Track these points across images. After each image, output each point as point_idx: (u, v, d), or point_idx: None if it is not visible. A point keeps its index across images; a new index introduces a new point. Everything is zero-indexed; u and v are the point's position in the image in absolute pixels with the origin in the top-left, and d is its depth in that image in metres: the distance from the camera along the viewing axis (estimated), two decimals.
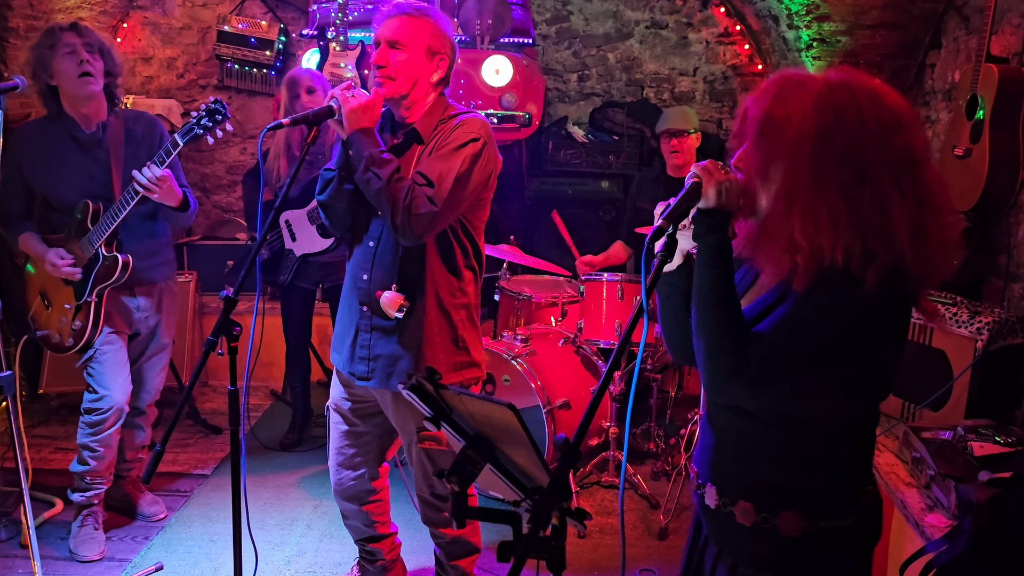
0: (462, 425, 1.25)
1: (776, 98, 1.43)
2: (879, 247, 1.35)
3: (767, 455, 1.50)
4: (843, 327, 1.37)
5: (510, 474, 1.24)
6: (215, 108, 2.75)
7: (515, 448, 1.21)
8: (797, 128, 1.38)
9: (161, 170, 2.81)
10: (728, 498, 1.54)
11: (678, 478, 3.56)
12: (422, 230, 2.18)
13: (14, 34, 4.44)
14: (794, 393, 1.42)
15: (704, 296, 1.46)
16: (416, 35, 2.24)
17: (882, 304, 1.37)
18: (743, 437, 1.52)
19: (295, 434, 4.21)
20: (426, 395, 1.24)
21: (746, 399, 1.47)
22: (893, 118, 1.39)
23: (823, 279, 1.38)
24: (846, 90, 1.40)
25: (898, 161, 1.37)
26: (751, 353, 1.40)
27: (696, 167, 1.48)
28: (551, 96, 5.49)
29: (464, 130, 2.26)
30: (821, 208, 1.36)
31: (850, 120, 1.37)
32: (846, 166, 1.36)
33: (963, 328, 2.98)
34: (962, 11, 4.00)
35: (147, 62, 5.49)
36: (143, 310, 3.18)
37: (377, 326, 2.35)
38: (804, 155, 1.37)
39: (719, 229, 1.46)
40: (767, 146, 1.42)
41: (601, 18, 5.45)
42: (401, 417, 2.40)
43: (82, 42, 2.90)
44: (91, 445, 3.07)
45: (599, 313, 3.75)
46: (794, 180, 1.39)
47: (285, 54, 5.36)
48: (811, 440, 1.47)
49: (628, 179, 5.00)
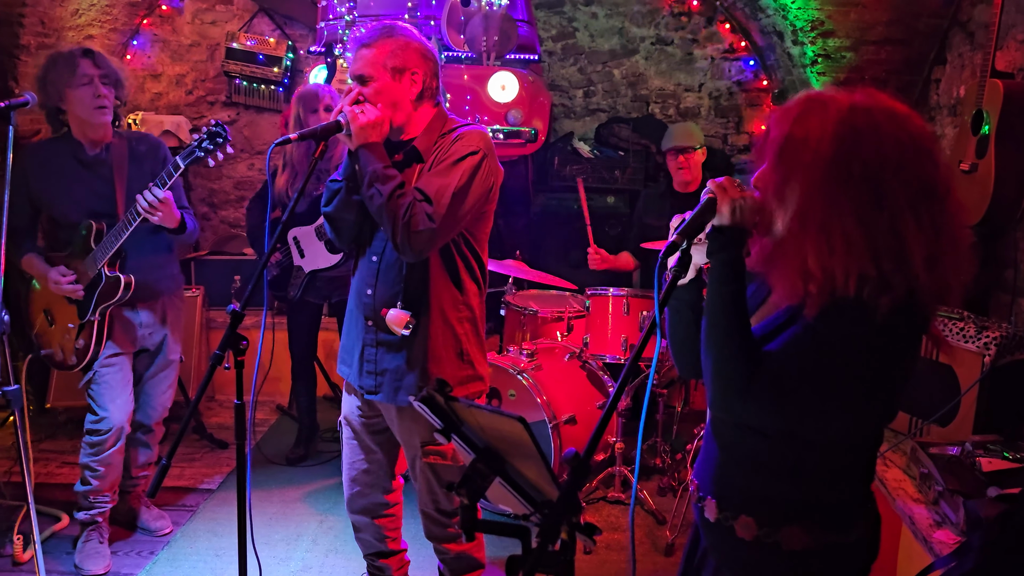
0: (472, 438, 1.25)
1: (797, 119, 1.43)
2: (893, 274, 1.34)
3: (772, 469, 1.49)
4: (854, 351, 1.36)
5: (519, 487, 1.24)
6: (216, 131, 2.77)
7: (524, 461, 1.21)
8: (815, 150, 1.38)
9: (163, 192, 2.83)
10: (729, 512, 1.54)
11: (684, 494, 3.54)
12: (421, 247, 2.19)
13: (25, 51, 4.49)
14: (802, 413, 1.41)
15: (715, 313, 1.46)
16: (375, 62, 2.23)
17: (893, 329, 1.36)
18: (748, 451, 1.52)
19: (301, 449, 4.21)
20: (437, 407, 1.24)
21: (753, 418, 1.46)
22: (914, 144, 1.38)
23: (835, 303, 1.37)
24: (867, 114, 1.39)
25: (917, 188, 1.36)
26: (761, 373, 1.39)
27: (712, 183, 1.48)
28: (557, 112, 5.51)
29: (463, 143, 2.26)
30: (836, 232, 1.35)
31: (869, 144, 1.36)
32: (863, 190, 1.35)
33: (970, 343, 2.98)
34: (966, 27, 4.01)
35: (156, 79, 5.54)
36: (146, 325, 3.18)
37: (382, 341, 2.36)
38: (821, 177, 1.37)
39: (733, 246, 1.45)
40: (785, 167, 1.42)
41: (607, 35, 5.48)
42: (406, 431, 2.40)
43: (100, 74, 2.94)
44: (92, 465, 3.08)
45: (605, 328, 3.75)
46: (810, 202, 1.38)
47: (293, 71, 5.40)
48: (817, 456, 1.47)
49: (634, 194, 5.01)
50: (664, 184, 4.46)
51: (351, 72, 2.27)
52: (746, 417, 1.47)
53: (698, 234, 1.45)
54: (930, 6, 4.09)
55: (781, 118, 1.46)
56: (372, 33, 2.26)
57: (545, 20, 5.45)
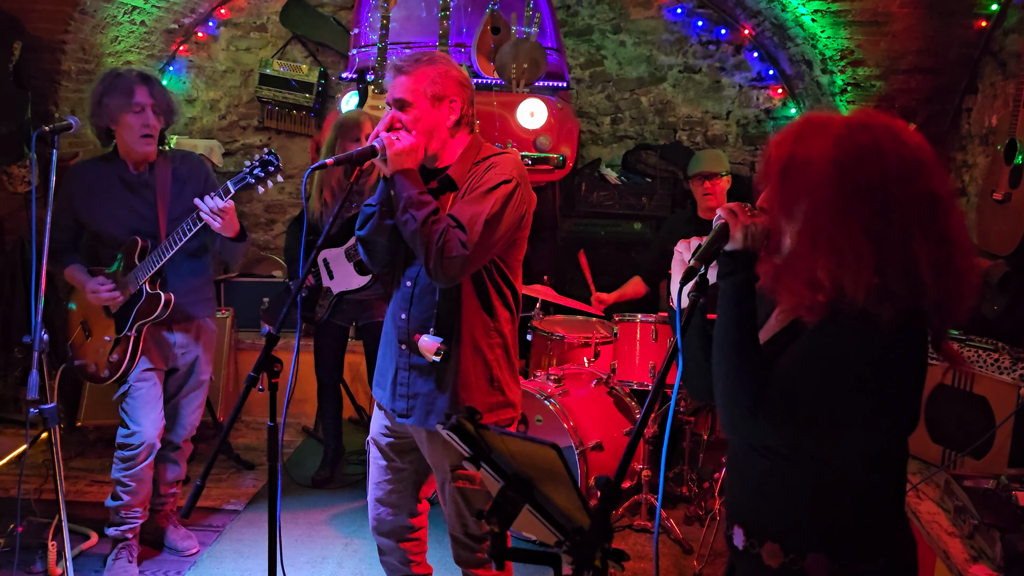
0: (501, 465, 1.25)
1: (797, 139, 1.47)
2: (900, 285, 1.37)
3: (792, 494, 1.49)
4: (859, 361, 1.38)
5: (548, 515, 1.24)
6: (268, 159, 2.80)
7: (555, 488, 1.21)
8: (818, 168, 1.41)
9: (224, 202, 2.84)
10: (756, 539, 1.53)
11: (712, 523, 3.51)
12: (454, 273, 2.21)
13: (66, 76, 4.60)
14: (812, 428, 1.41)
15: (726, 335, 1.47)
16: (416, 89, 2.26)
17: (897, 339, 1.37)
18: (766, 476, 1.52)
19: (327, 471, 4.22)
20: (466, 435, 1.24)
21: (764, 436, 1.47)
22: (914, 157, 1.41)
23: (839, 315, 1.39)
24: (866, 130, 1.43)
25: (922, 199, 1.39)
26: (769, 392, 1.40)
27: (723, 209, 1.51)
28: (584, 138, 5.54)
29: (496, 171, 2.28)
30: (845, 245, 1.38)
31: (871, 159, 1.39)
32: (868, 204, 1.38)
33: (1005, 374, 2.94)
34: (998, 56, 4.00)
35: (191, 104, 5.65)
36: (180, 346, 3.22)
37: (415, 365, 2.37)
38: (826, 194, 1.40)
39: (744, 269, 1.48)
40: (790, 186, 1.45)
41: (634, 62, 5.52)
42: (436, 455, 2.40)
43: (152, 104, 3.00)
44: (124, 480, 3.11)
45: (632, 354, 3.74)
46: (817, 218, 1.41)
47: (324, 96, 5.49)
48: (836, 478, 1.46)
49: (660, 220, 5.01)
50: (690, 211, 4.46)
51: (389, 97, 2.30)
52: (757, 436, 1.48)
53: (714, 259, 1.48)
54: (961, 35, 4.08)
55: (782, 140, 1.49)
56: (412, 60, 2.29)
57: (573, 48, 5.51)
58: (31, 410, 2.51)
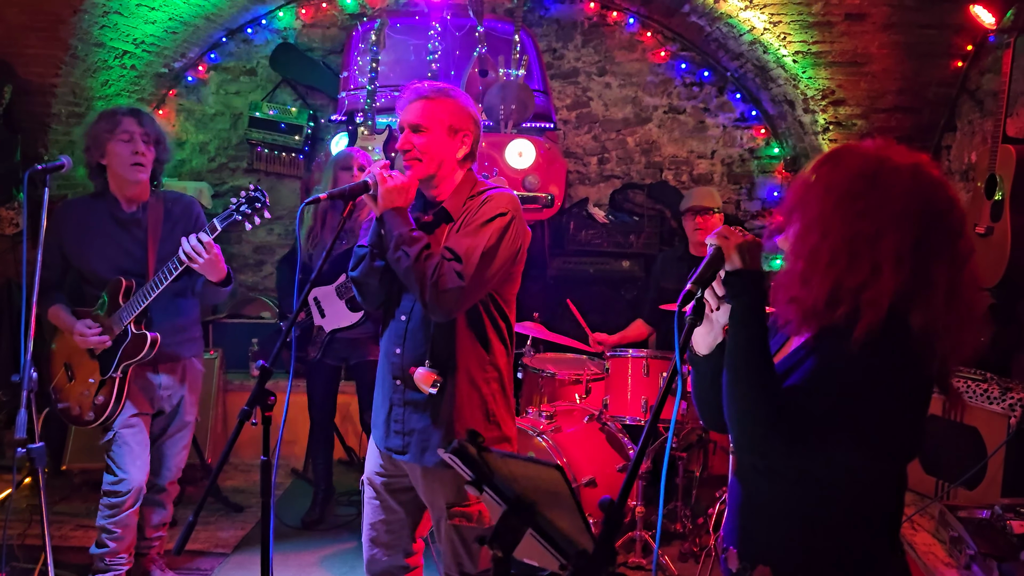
0: (504, 490, 1.25)
1: (815, 168, 1.52)
2: (913, 305, 1.40)
3: (791, 516, 1.50)
4: (868, 379, 1.40)
5: (551, 539, 1.23)
6: (255, 196, 2.79)
7: (558, 512, 1.21)
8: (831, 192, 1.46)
9: (208, 238, 2.80)
10: (748, 562, 1.53)
11: (707, 560, 3.48)
12: (450, 306, 2.21)
13: (56, 119, 4.63)
14: (822, 446, 1.43)
15: (738, 356, 1.48)
16: (436, 116, 2.30)
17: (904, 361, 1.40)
18: (768, 498, 1.52)
19: (317, 512, 4.16)
20: (468, 459, 1.24)
21: (777, 456, 1.48)
22: (929, 182, 1.46)
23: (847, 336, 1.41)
24: (880, 156, 1.48)
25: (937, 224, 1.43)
26: (784, 410, 1.42)
27: (712, 236, 1.54)
28: (572, 178, 5.60)
29: (491, 205, 2.30)
30: (864, 263, 1.41)
31: (884, 182, 1.44)
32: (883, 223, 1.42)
33: (995, 404, 2.96)
34: (975, 95, 4.10)
35: (180, 146, 5.67)
36: (166, 387, 3.18)
37: (410, 400, 2.36)
38: (842, 216, 1.44)
39: (752, 289, 1.50)
40: (804, 213, 1.49)
41: (620, 104, 5.61)
42: (431, 492, 2.38)
43: (141, 132, 3.00)
44: (109, 527, 3.06)
45: (624, 390, 3.74)
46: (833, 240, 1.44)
47: (313, 138, 5.53)
48: (836, 500, 1.47)
49: (649, 258, 5.05)
50: (681, 248, 4.49)
51: (405, 119, 2.31)
52: (770, 456, 1.48)
53: (711, 283, 1.50)
54: (939, 75, 4.19)
55: (802, 173, 1.55)
56: (435, 89, 2.34)
57: (560, 90, 5.60)
58: (18, 450, 2.48)
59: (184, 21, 4.94)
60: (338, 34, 5.53)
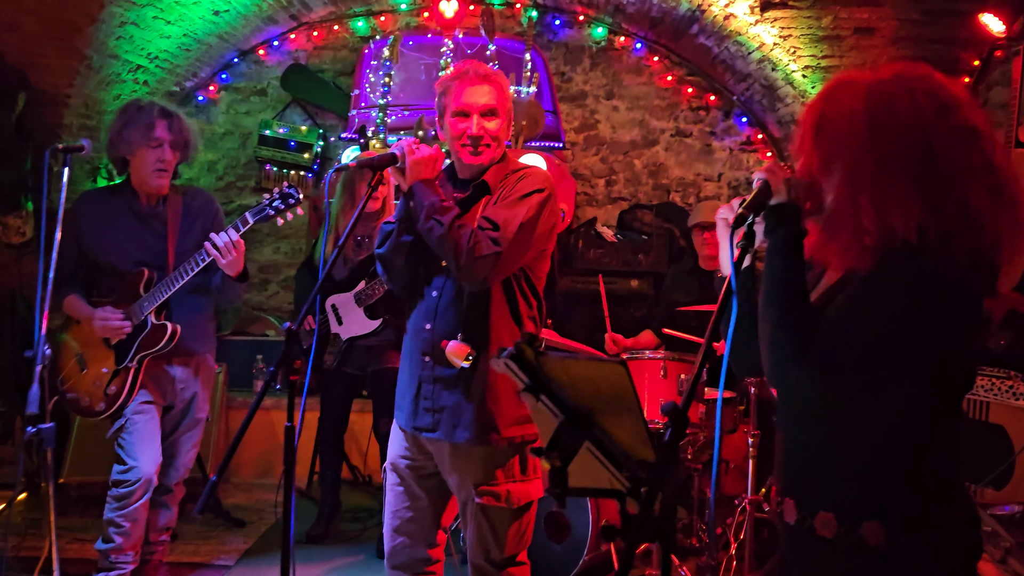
0: (561, 397, 1.20)
1: (826, 99, 1.50)
2: (955, 220, 1.36)
3: (842, 460, 1.45)
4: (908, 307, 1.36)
5: (608, 453, 1.18)
6: (289, 192, 2.83)
7: (619, 418, 1.16)
8: (850, 120, 1.43)
9: (237, 236, 2.84)
10: (807, 511, 1.47)
11: (726, 574, 3.38)
12: (486, 272, 2.18)
13: (67, 131, 4.63)
14: (858, 381, 1.39)
15: (772, 285, 1.46)
16: (503, 100, 2.32)
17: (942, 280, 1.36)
18: (815, 441, 1.48)
19: (322, 526, 4.04)
20: (526, 363, 1.19)
21: (806, 386, 1.44)
22: (948, 94, 1.43)
23: (889, 260, 1.39)
24: (896, 78, 1.46)
25: (962, 134, 1.40)
26: (815, 337, 1.39)
27: (759, 170, 1.53)
28: (580, 200, 5.62)
29: (529, 181, 2.31)
30: (888, 190, 1.39)
31: (902, 103, 1.41)
32: (908, 146, 1.39)
33: (1021, 400, 2.92)
34: (984, 108, 4.15)
35: (188, 165, 5.66)
36: (181, 380, 3.14)
37: (440, 377, 2.31)
38: (861, 143, 1.42)
39: (790, 221, 1.48)
40: (825, 142, 1.47)
41: (627, 126, 5.66)
42: (460, 472, 2.31)
43: (170, 140, 3.01)
44: (117, 520, 2.97)
45: (641, 392, 3.67)
46: (856, 169, 1.42)
47: (323, 157, 5.54)
48: (884, 442, 1.42)
49: (658, 277, 5.03)
50: (691, 262, 4.48)
51: (470, 103, 2.27)
52: (800, 386, 1.45)
53: (761, 211, 1.48)
54: None
55: (813, 104, 1.52)
56: (492, 71, 2.34)
57: (568, 112, 5.64)
58: (28, 429, 2.41)
59: (198, 38, 4.99)
60: (349, 56, 5.59)
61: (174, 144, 3.03)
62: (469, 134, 2.28)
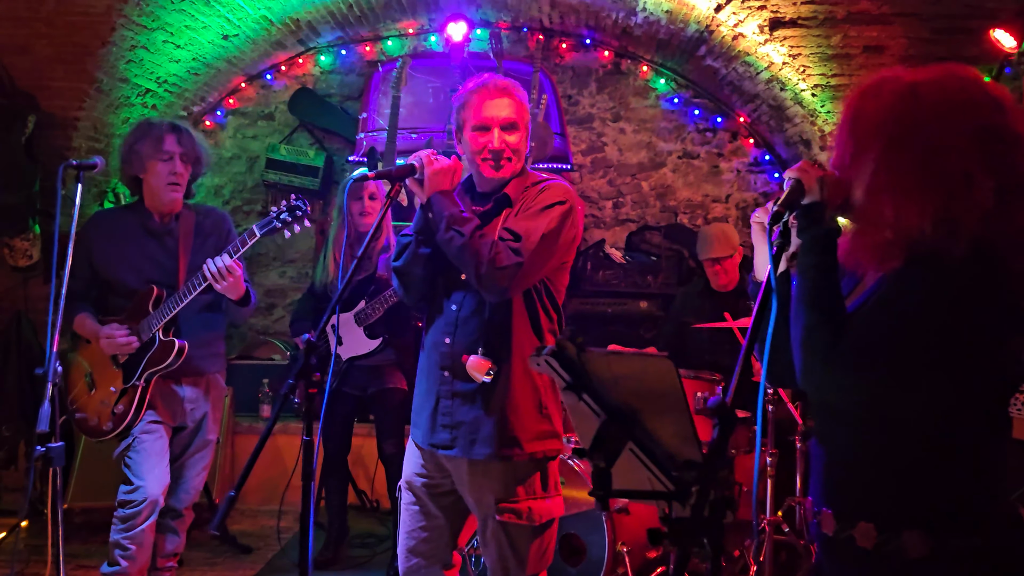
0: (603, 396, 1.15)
1: (862, 94, 1.50)
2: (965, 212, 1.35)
3: (880, 466, 1.41)
4: (934, 304, 1.34)
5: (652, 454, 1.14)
6: (296, 204, 2.84)
7: (663, 418, 1.12)
8: (877, 116, 1.44)
9: (232, 261, 2.83)
10: (846, 521, 1.43)
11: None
12: (507, 283, 2.15)
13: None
14: (891, 379, 1.36)
15: (805, 285, 1.44)
16: (523, 113, 2.29)
17: (972, 278, 1.34)
18: (852, 448, 1.44)
19: (329, 552, 3.97)
20: (567, 360, 1.15)
21: (840, 388, 1.41)
22: (980, 92, 1.42)
23: (916, 258, 1.38)
24: (929, 74, 1.45)
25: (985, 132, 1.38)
26: (847, 337, 1.37)
27: (791, 169, 1.51)
28: (587, 222, 5.60)
29: (551, 193, 2.28)
30: (909, 181, 1.38)
31: (928, 97, 1.41)
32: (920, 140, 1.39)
33: None
34: None
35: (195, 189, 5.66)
36: (190, 400, 3.10)
37: (459, 392, 2.26)
38: (887, 137, 1.41)
39: (823, 220, 1.46)
40: (856, 138, 1.47)
41: (634, 148, 5.66)
42: (478, 489, 2.25)
43: (181, 152, 3.01)
44: (122, 542, 2.91)
45: None
46: (882, 163, 1.42)
47: (328, 181, 5.53)
48: (923, 446, 1.38)
49: (667, 298, 5.00)
50: (701, 283, 4.45)
51: (490, 117, 2.24)
52: (832, 387, 1.42)
53: (795, 209, 1.47)
54: None
55: (851, 99, 1.52)
56: (511, 83, 2.29)
57: (575, 135, 5.64)
58: (37, 448, 2.36)
59: (207, 63, 5.00)
60: (356, 80, 5.60)
61: (184, 157, 3.03)
62: (490, 148, 2.25)
